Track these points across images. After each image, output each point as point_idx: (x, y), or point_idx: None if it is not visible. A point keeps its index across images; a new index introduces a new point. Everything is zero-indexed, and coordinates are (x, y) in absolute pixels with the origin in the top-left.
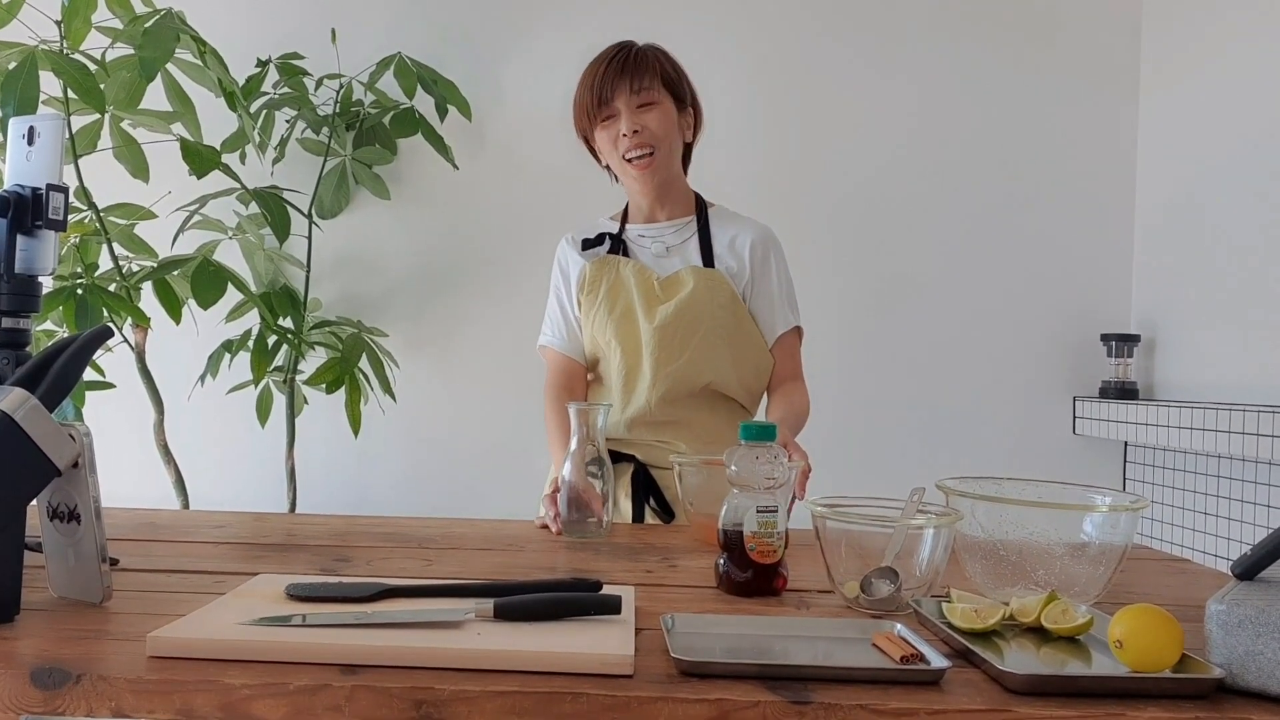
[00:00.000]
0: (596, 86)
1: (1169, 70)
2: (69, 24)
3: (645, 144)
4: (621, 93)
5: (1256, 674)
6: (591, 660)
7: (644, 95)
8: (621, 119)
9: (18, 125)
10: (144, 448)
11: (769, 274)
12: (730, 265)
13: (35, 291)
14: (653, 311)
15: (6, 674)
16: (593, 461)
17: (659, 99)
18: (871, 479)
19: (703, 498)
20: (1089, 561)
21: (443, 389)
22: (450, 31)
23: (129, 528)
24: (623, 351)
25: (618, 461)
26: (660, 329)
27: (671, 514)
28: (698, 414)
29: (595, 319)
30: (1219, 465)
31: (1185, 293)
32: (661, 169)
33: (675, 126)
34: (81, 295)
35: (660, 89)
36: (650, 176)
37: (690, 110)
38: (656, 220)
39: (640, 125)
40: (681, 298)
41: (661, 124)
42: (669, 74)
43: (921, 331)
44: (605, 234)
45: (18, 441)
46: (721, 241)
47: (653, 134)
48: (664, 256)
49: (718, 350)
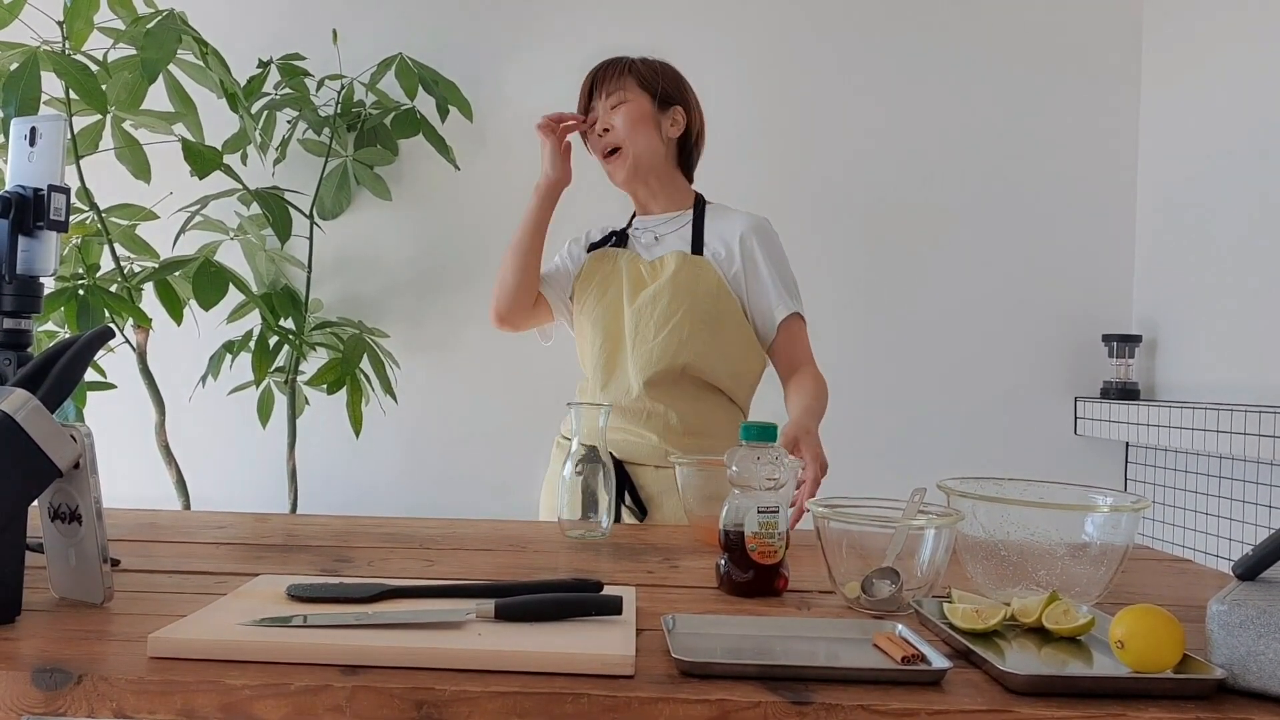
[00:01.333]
0: (583, 96)
1: (1170, 70)
2: (71, 25)
3: (610, 142)
4: (598, 98)
5: (1258, 674)
6: (592, 661)
7: (615, 96)
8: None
9: (19, 126)
10: (145, 448)
11: (759, 262)
12: (718, 252)
13: (37, 292)
14: (635, 295)
15: (7, 674)
16: (592, 461)
17: (629, 97)
18: (872, 479)
19: (701, 499)
20: (1090, 562)
21: (444, 389)
22: (451, 32)
23: (130, 528)
24: (605, 334)
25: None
26: (638, 309)
27: (645, 511)
28: (679, 401)
29: (585, 305)
30: (1220, 466)
31: (1187, 293)
32: (634, 163)
33: (646, 122)
34: (83, 296)
35: (632, 89)
36: (618, 171)
37: (677, 109)
38: (651, 214)
39: (608, 124)
40: (663, 280)
41: (628, 122)
42: (645, 76)
43: (922, 332)
44: (612, 232)
45: (19, 442)
46: (712, 232)
47: (617, 132)
48: (654, 245)
49: (698, 333)
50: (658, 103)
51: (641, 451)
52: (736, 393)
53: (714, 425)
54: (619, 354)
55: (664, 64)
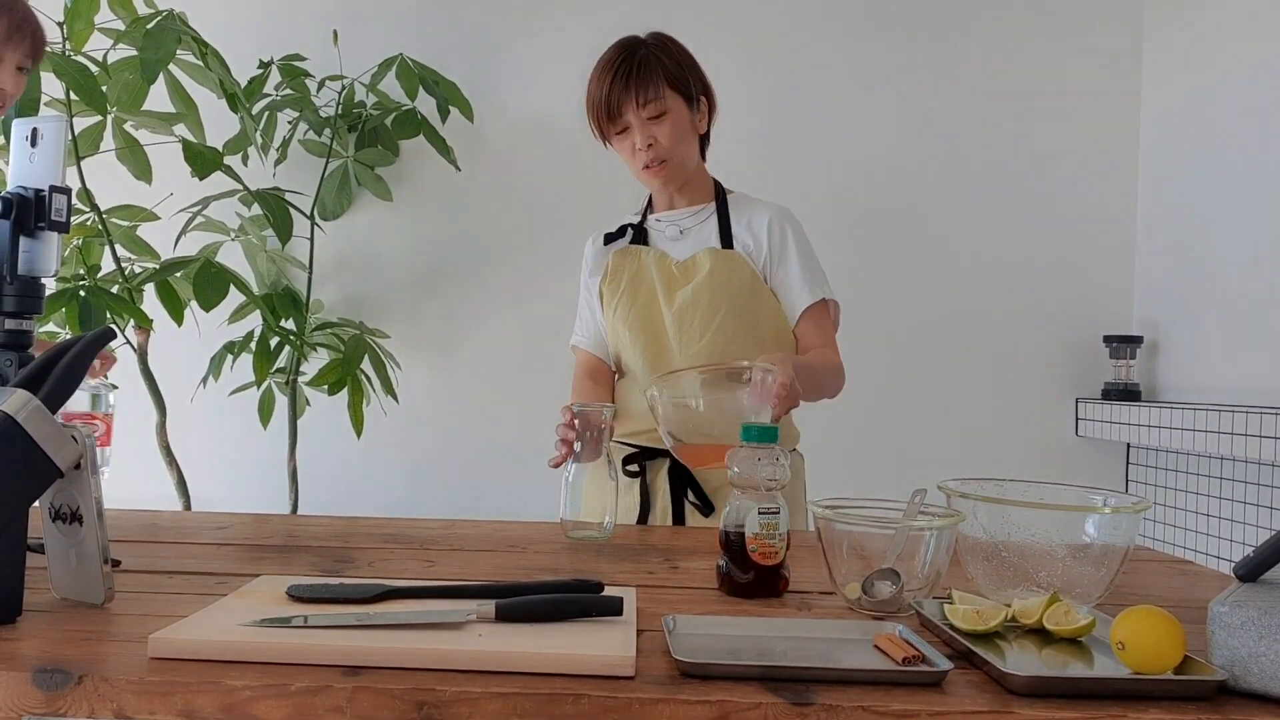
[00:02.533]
0: (604, 100)
1: (1171, 71)
2: (71, 26)
3: (659, 155)
4: (629, 106)
5: (1259, 675)
6: (593, 662)
7: (652, 106)
8: (634, 132)
9: (20, 127)
10: (146, 449)
11: (788, 250)
12: (747, 244)
13: (38, 293)
14: (672, 296)
15: (8, 675)
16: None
17: (668, 105)
18: (873, 480)
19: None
20: (1091, 563)
21: (445, 390)
22: (452, 33)
23: (131, 529)
24: (647, 337)
25: (653, 458)
26: (679, 312)
27: (712, 507)
28: None
29: (618, 308)
30: (1222, 467)
31: (1188, 294)
32: (678, 171)
33: (688, 128)
34: (84, 297)
35: (668, 94)
36: (668, 181)
37: (702, 102)
38: (676, 208)
39: (652, 138)
40: (699, 280)
41: (673, 134)
42: (674, 74)
43: (923, 333)
44: (627, 225)
45: (20, 443)
46: (739, 223)
47: (665, 146)
48: (679, 240)
49: (741, 331)
50: (691, 102)
51: None
52: None
53: None
54: (665, 354)
55: (679, 47)
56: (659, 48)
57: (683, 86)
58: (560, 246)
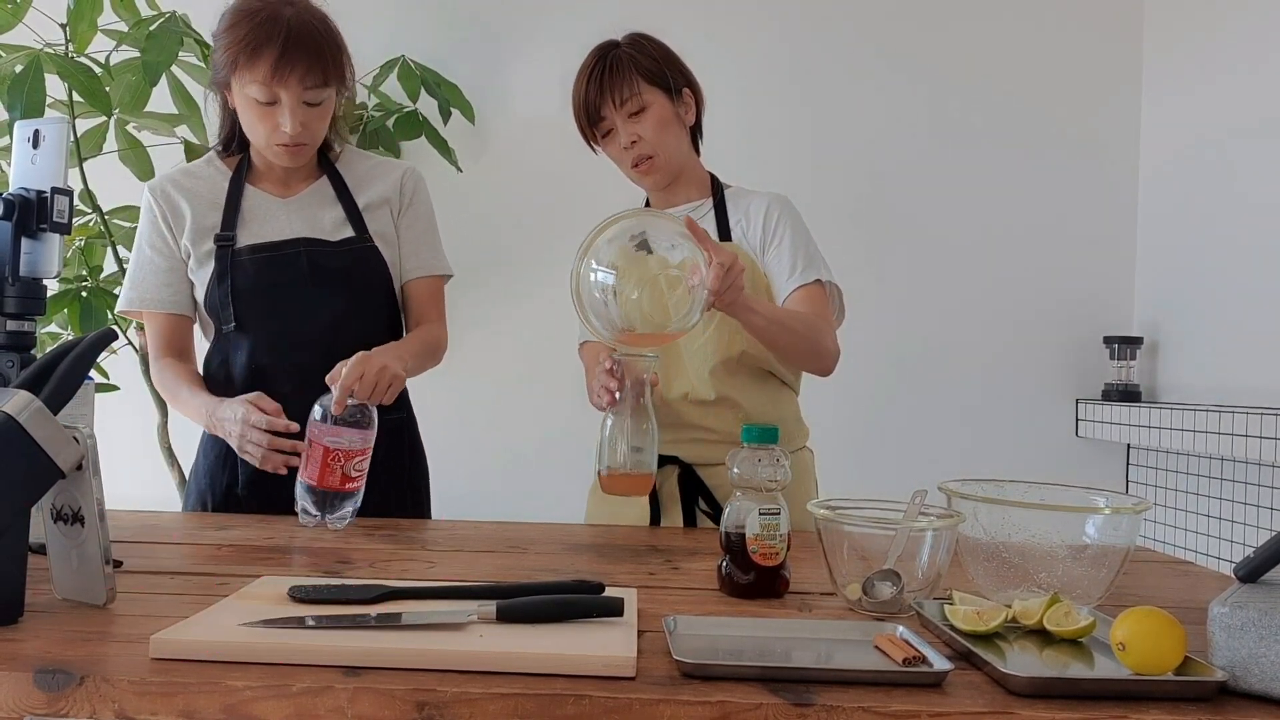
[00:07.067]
0: (584, 103)
1: (1171, 71)
2: (74, 27)
3: (644, 152)
4: (608, 106)
5: (1259, 677)
6: (594, 662)
7: (631, 104)
8: (618, 131)
9: (23, 129)
10: (147, 450)
11: (781, 233)
12: (746, 234)
13: (40, 294)
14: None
15: (10, 675)
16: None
17: (647, 100)
18: (874, 481)
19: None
20: (1091, 564)
21: (445, 391)
22: (454, 34)
23: (132, 530)
24: None
25: (661, 465)
26: None
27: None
28: (746, 391)
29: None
30: (1222, 468)
31: (1188, 295)
32: (666, 165)
33: (672, 121)
34: (86, 298)
35: (645, 89)
36: (659, 177)
37: (685, 93)
38: (673, 205)
39: (635, 135)
40: None
41: (655, 127)
42: (650, 69)
43: (923, 334)
44: None
45: (21, 444)
46: (737, 216)
47: (649, 141)
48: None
49: None
50: (672, 94)
51: (714, 451)
52: (787, 374)
53: (778, 414)
54: (668, 350)
55: (656, 44)
56: (632, 45)
57: (660, 80)
58: (561, 247)
